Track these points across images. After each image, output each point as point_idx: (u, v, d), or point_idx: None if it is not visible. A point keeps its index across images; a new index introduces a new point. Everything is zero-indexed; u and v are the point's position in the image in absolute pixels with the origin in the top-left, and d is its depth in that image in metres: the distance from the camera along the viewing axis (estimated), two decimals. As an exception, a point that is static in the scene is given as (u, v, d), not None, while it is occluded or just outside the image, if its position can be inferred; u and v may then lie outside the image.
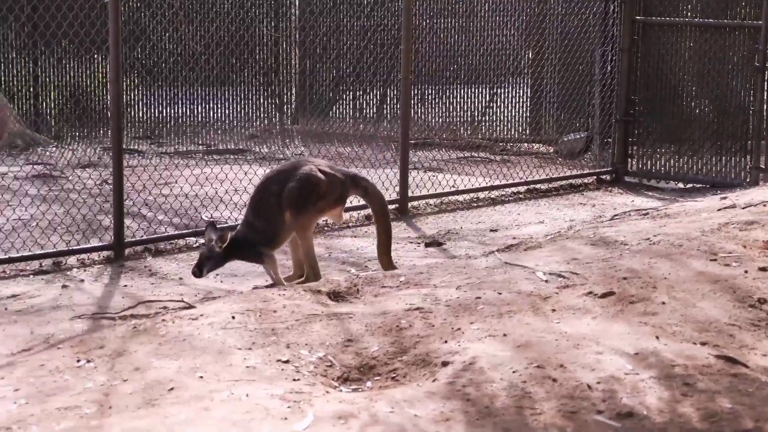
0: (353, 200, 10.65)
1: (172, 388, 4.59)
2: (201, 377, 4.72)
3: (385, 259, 7.79)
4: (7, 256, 8.37)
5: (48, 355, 5.39)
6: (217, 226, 7.67)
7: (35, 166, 14.67)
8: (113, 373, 4.92)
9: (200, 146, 18.86)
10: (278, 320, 5.51)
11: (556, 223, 10.22)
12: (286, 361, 4.94)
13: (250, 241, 7.41)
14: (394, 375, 4.94)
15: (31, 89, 20.29)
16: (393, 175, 11.39)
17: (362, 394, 4.65)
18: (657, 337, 5.01)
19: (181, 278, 7.97)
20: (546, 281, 6.10)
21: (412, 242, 9.46)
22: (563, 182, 12.74)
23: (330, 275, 7.66)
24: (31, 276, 8.18)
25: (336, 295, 6.26)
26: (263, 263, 7.49)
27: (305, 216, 7.39)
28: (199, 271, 7.27)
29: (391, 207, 10.87)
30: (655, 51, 12.80)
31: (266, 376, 4.74)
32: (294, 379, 4.72)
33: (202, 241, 9.23)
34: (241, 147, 18.55)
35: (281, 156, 17.09)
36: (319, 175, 7.45)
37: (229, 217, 10.43)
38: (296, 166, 7.59)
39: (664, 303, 5.50)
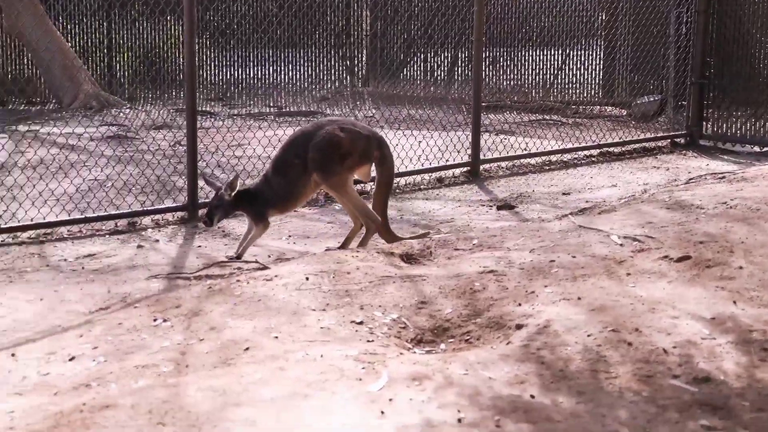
0: (424, 163, 10.69)
1: (247, 348, 4.63)
2: (276, 337, 4.76)
3: (385, 232, 7.59)
4: (83, 216, 8.50)
5: (125, 314, 5.47)
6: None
7: (110, 128, 14.83)
8: (189, 332, 4.98)
9: (271, 108, 18.94)
10: (352, 282, 5.52)
11: (630, 186, 10.11)
12: (360, 323, 4.96)
13: (261, 197, 7.36)
14: (468, 337, 4.93)
15: (106, 51, 20.51)
16: (465, 137, 11.36)
17: (436, 356, 4.65)
18: (734, 302, 4.94)
19: (254, 239, 8.02)
20: (621, 245, 6.05)
21: (483, 205, 9.42)
22: (636, 145, 12.61)
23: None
24: (107, 236, 8.28)
25: (409, 258, 6.27)
26: (255, 224, 7.37)
27: (335, 176, 7.30)
28: (209, 220, 7.25)
29: (462, 170, 10.88)
30: (731, 12, 12.58)
31: (340, 337, 4.76)
32: (368, 341, 4.73)
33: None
34: (312, 109, 18.60)
35: (352, 118, 17.08)
36: (340, 134, 7.34)
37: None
38: (320, 126, 7.51)
39: (741, 267, 5.43)
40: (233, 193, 7.24)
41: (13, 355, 4.93)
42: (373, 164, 7.54)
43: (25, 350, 5.00)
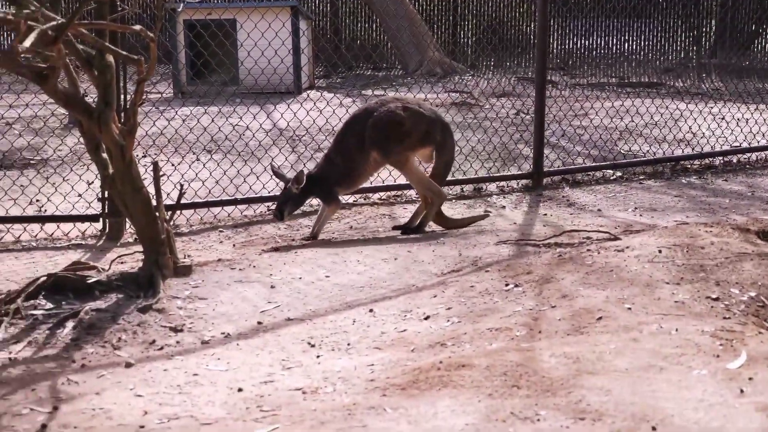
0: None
1: (600, 318, 4.61)
2: (629, 308, 4.71)
3: (439, 218, 7.37)
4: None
5: (476, 277, 5.58)
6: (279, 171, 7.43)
7: (452, 94, 15.12)
8: (541, 298, 5.02)
9: (613, 78, 18.68)
10: (706, 257, 5.37)
11: None
12: (716, 299, 4.81)
13: (327, 179, 7.18)
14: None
15: (451, 19, 20.90)
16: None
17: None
18: None
19: (599, 210, 7.96)
20: None
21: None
22: None
23: (754, 214, 7.39)
24: (454, 200, 8.48)
25: (765, 235, 6.02)
26: (327, 205, 7.22)
27: (395, 155, 7.12)
28: (280, 214, 7.14)
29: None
30: None
31: (695, 312, 4.64)
32: (724, 317, 4.59)
33: (618, 173, 9.20)
34: (655, 80, 18.19)
35: (696, 91, 16.58)
36: (402, 113, 7.12)
37: (647, 151, 10.30)
38: (383, 103, 7.25)
39: None
40: (301, 186, 7.11)
41: (371, 311, 5.16)
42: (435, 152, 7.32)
43: (383, 307, 5.22)
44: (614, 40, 20.22)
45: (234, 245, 7.15)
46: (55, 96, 5.18)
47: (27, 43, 4.38)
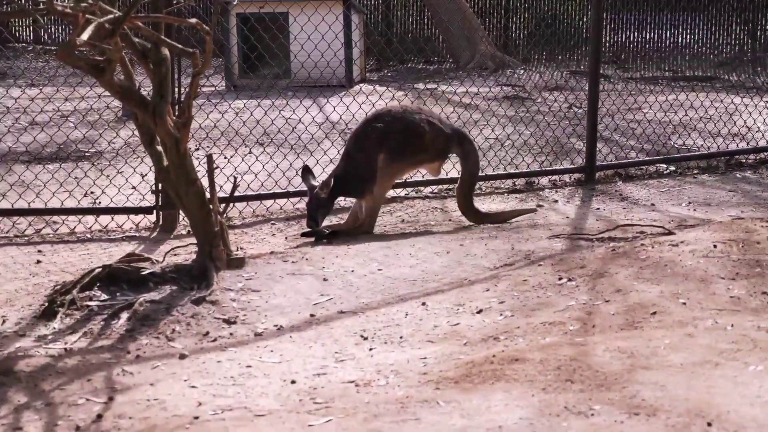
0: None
1: (654, 312, 4.58)
2: (683, 303, 4.67)
3: (474, 215, 7.34)
4: (483, 174, 8.71)
5: (530, 271, 5.57)
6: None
7: (504, 88, 15.08)
8: (594, 293, 4.99)
9: (666, 72, 18.53)
10: (762, 252, 5.31)
11: None
12: (773, 294, 4.77)
13: (352, 175, 7.06)
14: None
15: (503, 12, 20.82)
16: None
17: None
18: None
19: (653, 204, 7.91)
20: None
21: None
22: None
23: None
24: (506, 194, 8.46)
25: (819, 232, 5.94)
26: (365, 199, 7.10)
27: (398, 164, 7.05)
28: (315, 223, 7.00)
29: None
30: None
31: (751, 308, 4.60)
32: (782, 313, 4.55)
33: (672, 168, 9.12)
34: (708, 74, 18.01)
35: (751, 85, 16.40)
36: (425, 126, 7.08)
37: (701, 146, 10.21)
38: (407, 110, 7.21)
39: None
40: (329, 191, 6.99)
41: (424, 304, 5.16)
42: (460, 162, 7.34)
43: (435, 300, 5.21)
44: (668, 34, 20.04)
45: (286, 238, 7.19)
46: (111, 89, 5.22)
47: (84, 36, 4.43)
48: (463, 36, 18.32)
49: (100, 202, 8.13)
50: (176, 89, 7.22)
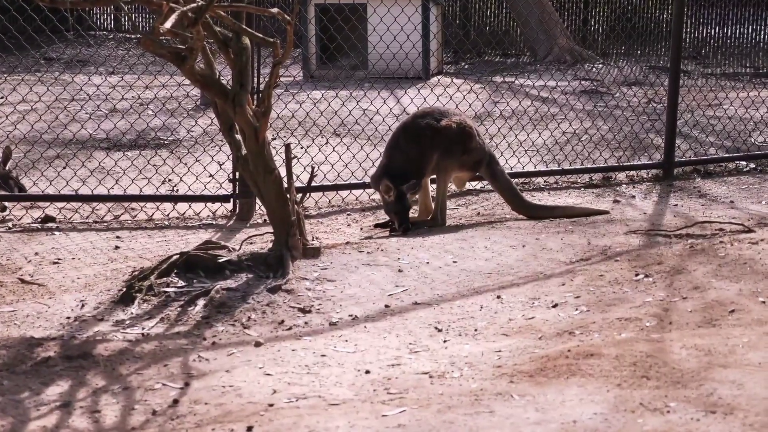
0: None
1: (732, 310, 4.53)
2: (763, 302, 4.61)
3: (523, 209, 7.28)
4: (560, 168, 8.66)
5: (606, 267, 5.53)
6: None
7: (582, 82, 14.96)
8: (672, 289, 4.95)
9: (747, 68, 18.24)
10: (844, 252, 5.23)
11: None
12: None
13: (405, 168, 6.93)
14: None
15: (582, 6, 20.65)
16: None
17: None
18: None
19: (732, 201, 7.80)
20: None
21: None
22: None
23: None
24: (582, 189, 8.40)
25: None
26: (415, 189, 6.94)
27: (449, 160, 6.99)
28: (405, 231, 6.79)
29: None
30: None
31: (833, 309, 4.53)
32: None
33: (752, 165, 8.98)
34: (792, 70, 17.71)
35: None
36: (474, 131, 7.09)
37: (780, 142, 10.06)
38: (451, 112, 7.16)
39: None
40: (394, 193, 6.81)
41: (498, 297, 5.15)
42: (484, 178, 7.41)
43: (510, 294, 5.20)
44: (749, 30, 19.71)
45: (361, 228, 7.20)
46: (192, 77, 5.28)
47: (168, 24, 4.48)
48: (542, 29, 18.18)
49: (177, 190, 8.22)
50: (256, 79, 7.27)
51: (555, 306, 4.93)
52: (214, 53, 5.78)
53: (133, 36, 19.95)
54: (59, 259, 6.23)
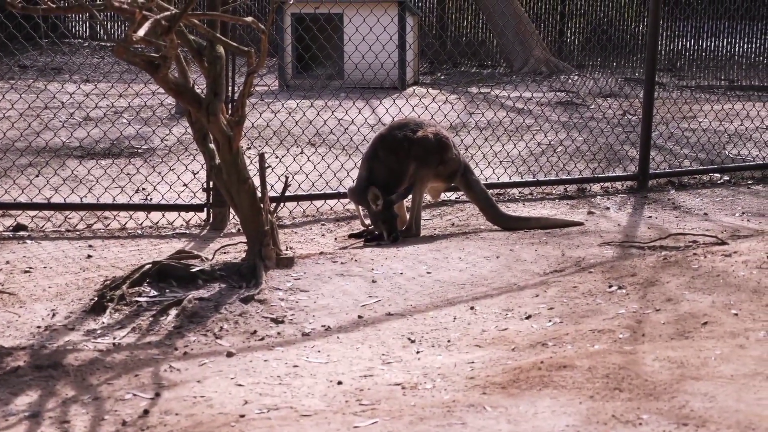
0: None
1: (705, 323, 4.53)
2: (735, 314, 4.62)
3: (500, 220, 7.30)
4: (535, 179, 8.67)
5: (579, 278, 5.52)
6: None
7: (558, 93, 15.01)
8: (645, 301, 4.95)
9: (722, 81, 18.35)
10: (817, 264, 5.24)
11: None
12: (829, 307, 4.70)
13: (386, 179, 6.98)
14: None
15: (558, 18, 20.73)
16: None
17: None
18: None
19: (705, 213, 7.82)
20: None
21: None
22: None
23: None
24: (557, 200, 8.41)
25: None
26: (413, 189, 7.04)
27: (425, 170, 7.02)
28: (395, 237, 6.87)
29: None
30: None
31: (805, 321, 4.54)
32: (835, 327, 4.47)
33: (726, 178, 9.01)
34: (765, 84, 17.81)
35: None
36: (450, 141, 7.15)
37: (757, 156, 10.09)
38: (426, 123, 7.22)
39: None
40: (381, 202, 6.85)
41: (472, 308, 5.14)
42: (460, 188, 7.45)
43: (484, 305, 5.19)
44: (724, 42, 19.84)
45: (336, 238, 7.19)
46: (165, 86, 5.25)
47: (141, 32, 4.46)
48: (518, 40, 18.25)
49: (151, 199, 8.18)
50: (230, 87, 7.25)
51: (528, 317, 4.93)
52: (189, 62, 5.75)
53: (107, 44, 19.89)
54: (31, 268, 6.18)
